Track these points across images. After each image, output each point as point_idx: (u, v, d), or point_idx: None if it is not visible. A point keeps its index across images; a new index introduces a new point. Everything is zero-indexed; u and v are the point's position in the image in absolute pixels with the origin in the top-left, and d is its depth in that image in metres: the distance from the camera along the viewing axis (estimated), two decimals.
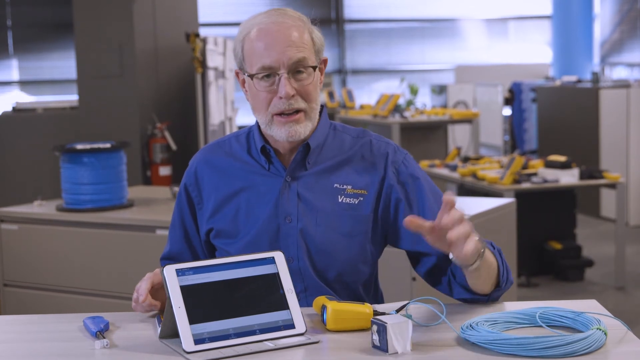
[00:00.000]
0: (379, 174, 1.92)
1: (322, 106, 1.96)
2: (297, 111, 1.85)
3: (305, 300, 1.85)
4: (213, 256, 2.00)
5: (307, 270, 1.87)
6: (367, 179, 1.91)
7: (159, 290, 1.77)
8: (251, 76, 1.84)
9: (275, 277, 1.65)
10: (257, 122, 1.96)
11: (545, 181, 5.59)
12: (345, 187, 1.90)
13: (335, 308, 1.64)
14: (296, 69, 1.83)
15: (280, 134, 1.85)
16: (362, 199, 1.90)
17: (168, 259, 2.03)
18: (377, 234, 1.92)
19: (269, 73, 1.82)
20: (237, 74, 1.93)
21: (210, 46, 6.12)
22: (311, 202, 1.89)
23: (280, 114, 1.84)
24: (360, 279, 1.93)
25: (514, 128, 10.58)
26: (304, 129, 1.86)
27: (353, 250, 1.89)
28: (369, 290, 1.98)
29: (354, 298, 1.93)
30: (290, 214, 1.88)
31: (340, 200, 1.89)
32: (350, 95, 9.07)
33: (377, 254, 1.96)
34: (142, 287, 1.75)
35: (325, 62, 1.93)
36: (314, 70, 1.86)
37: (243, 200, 1.92)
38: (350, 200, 1.89)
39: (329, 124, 1.97)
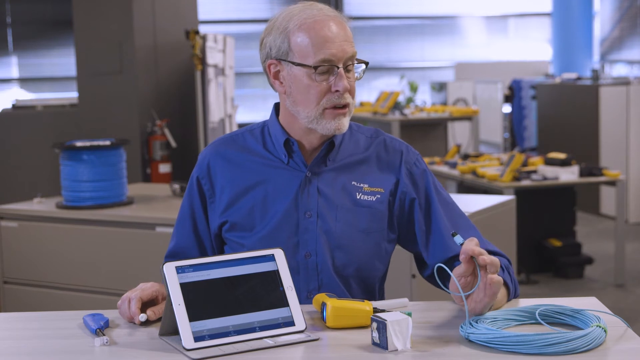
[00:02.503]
0: (394, 173, 1.95)
1: None
2: (345, 105, 1.86)
3: None
4: (222, 251, 1.99)
5: (325, 265, 1.87)
6: (383, 178, 1.94)
7: (147, 304, 1.75)
8: (314, 67, 1.82)
9: (275, 275, 1.65)
10: (274, 116, 1.96)
11: (545, 178, 5.59)
12: (362, 185, 1.92)
13: (335, 305, 1.64)
14: (349, 64, 1.85)
15: (329, 127, 1.86)
16: (379, 196, 1.92)
17: (173, 256, 1.99)
18: (391, 231, 1.95)
19: (329, 66, 1.82)
20: (269, 66, 1.89)
21: (210, 43, 6.12)
22: (331, 198, 1.90)
23: (333, 107, 1.85)
24: (376, 275, 1.95)
25: (514, 125, 10.58)
26: (347, 123, 1.89)
27: (370, 246, 1.91)
28: (381, 288, 2.00)
29: (369, 295, 1.94)
30: (311, 209, 1.89)
31: (358, 198, 1.91)
32: None
33: (390, 252, 1.98)
34: (133, 307, 1.71)
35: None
36: (356, 68, 1.87)
37: (260, 193, 1.91)
38: (368, 197, 1.91)
39: None
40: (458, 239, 1.66)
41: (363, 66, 1.89)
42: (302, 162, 1.91)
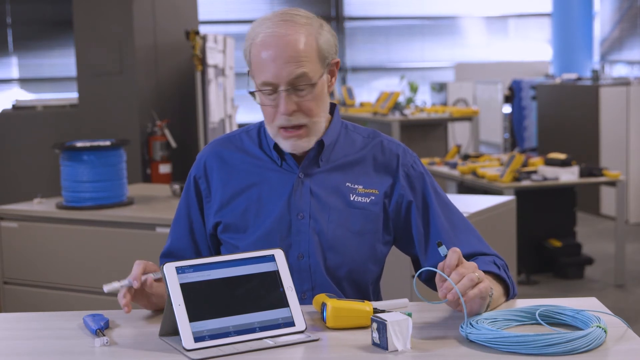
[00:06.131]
0: (390, 175, 1.93)
1: (334, 104, 1.96)
2: (299, 127, 1.84)
3: (311, 299, 1.83)
4: (218, 251, 1.98)
5: (318, 267, 1.87)
6: (378, 179, 1.93)
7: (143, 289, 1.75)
8: (255, 92, 1.83)
9: (275, 275, 1.65)
10: None
11: (545, 179, 5.59)
12: (356, 186, 1.91)
13: (335, 306, 1.64)
14: (297, 85, 1.81)
15: (285, 146, 1.86)
16: (373, 197, 1.90)
17: (168, 256, 2.00)
18: (386, 234, 1.93)
19: (271, 88, 1.81)
20: (248, 73, 1.90)
21: (210, 44, 6.12)
22: (323, 199, 1.89)
23: (283, 128, 1.84)
24: (370, 278, 1.94)
25: (514, 126, 10.58)
26: (307, 143, 1.86)
27: (363, 248, 1.90)
28: (376, 290, 1.99)
29: (363, 297, 1.93)
30: (303, 210, 1.88)
31: (352, 199, 1.90)
32: (350, 93, 9.07)
33: (385, 254, 1.97)
34: (136, 271, 1.73)
35: (337, 64, 1.91)
36: (314, 86, 1.82)
37: (254, 195, 1.91)
38: (362, 199, 1.90)
39: (341, 122, 1.97)
40: (442, 250, 1.65)
41: (313, 87, 1.82)
42: (294, 163, 1.91)
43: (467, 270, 1.61)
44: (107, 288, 1.73)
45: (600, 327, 1.51)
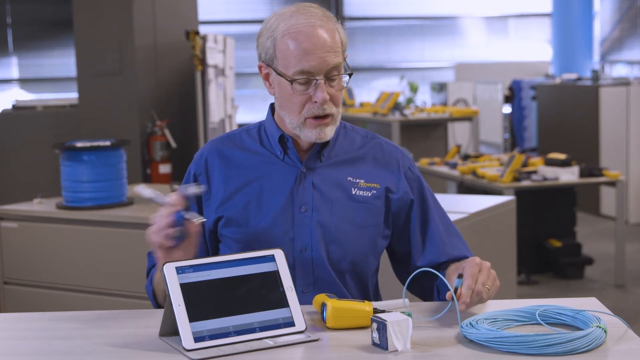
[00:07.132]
0: (392, 173, 1.98)
1: None
2: (327, 115, 1.87)
3: (313, 294, 1.85)
4: (216, 249, 2.00)
5: (321, 260, 1.89)
6: (379, 174, 1.97)
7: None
8: (290, 80, 1.84)
9: (275, 275, 1.66)
10: (270, 114, 1.99)
11: (545, 179, 5.59)
12: (358, 180, 1.95)
13: (335, 306, 1.64)
14: (331, 75, 1.85)
15: (311, 135, 1.88)
16: (374, 192, 1.94)
17: None
18: (386, 228, 1.97)
19: (306, 77, 1.83)
20: (260, 67, 1.92)
21: (210, 44, 6.11)
22: (326, 193, 1.92)
23: (314, 117, 1.87)
24: (370, 270, 1.98)
25: (514, 126, 10.58)
26: (331, 132, 1.90)
27: (365, 241, 1.93)
28: (374, 283, 2.02)
29: (364, 290, 1.96)
30: (306, 203, 1.91)
31: (353, 193, 1.93)
32: (350, 93, 9.06)
33: (384, 247, 2.01)
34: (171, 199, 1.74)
35: (345, 58, 1.95)
36: (342, 77, 1.88)
37: (255, 188, 1.93)
38: (364, 193, 1.94)
39: (340, 121, 1.99)
40: (458, 281, 1.69)
41: (347, 77, 1.89)
42: (297, 157, 1.94)
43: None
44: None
45: (600, 327, 1.52)
